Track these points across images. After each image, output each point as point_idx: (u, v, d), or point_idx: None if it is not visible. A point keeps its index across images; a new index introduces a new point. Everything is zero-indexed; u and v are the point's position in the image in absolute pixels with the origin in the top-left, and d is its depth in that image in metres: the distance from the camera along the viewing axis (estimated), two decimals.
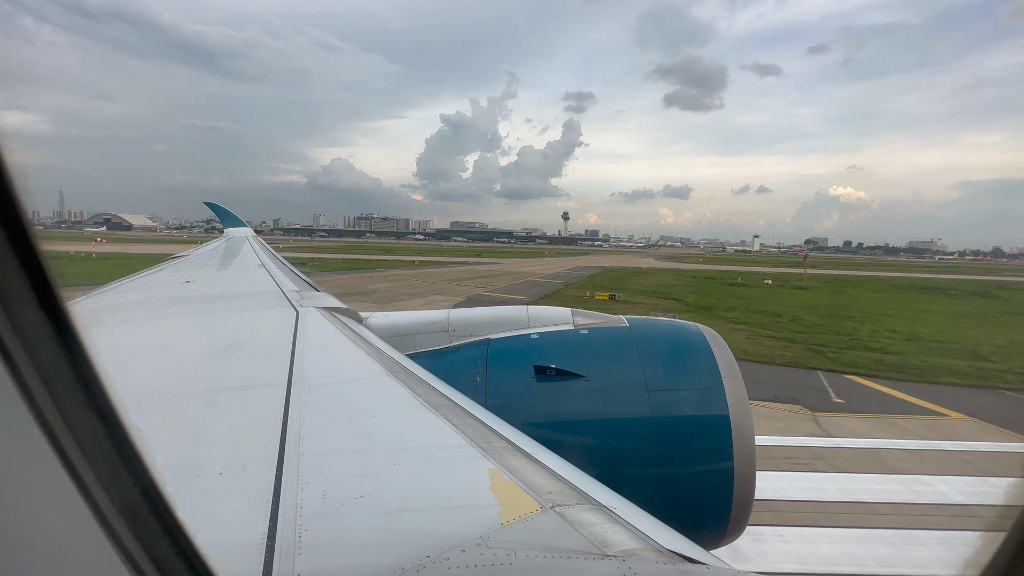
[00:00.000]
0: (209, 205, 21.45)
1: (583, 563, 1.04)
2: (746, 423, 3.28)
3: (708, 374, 3.46)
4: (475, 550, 1.07)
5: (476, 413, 1.98)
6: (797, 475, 10.55)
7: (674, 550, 1.12)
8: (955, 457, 11.72)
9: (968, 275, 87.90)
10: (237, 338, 3.35)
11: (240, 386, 2.27)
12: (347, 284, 42.19)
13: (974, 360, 21.89)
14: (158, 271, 7.94)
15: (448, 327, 4.14)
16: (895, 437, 12.81)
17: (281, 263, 8.97)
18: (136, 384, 2.26)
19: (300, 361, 2.52)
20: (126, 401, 0.70)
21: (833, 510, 9.30)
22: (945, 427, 13.88)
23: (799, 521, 8.86)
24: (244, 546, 1.12)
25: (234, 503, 1.34)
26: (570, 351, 3.66)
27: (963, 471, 10.98)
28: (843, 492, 9.92)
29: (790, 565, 7.65)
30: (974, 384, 18.36)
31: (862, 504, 9.53)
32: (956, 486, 10.26)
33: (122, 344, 3.15)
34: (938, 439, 12.77)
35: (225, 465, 1.51)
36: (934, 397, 16.48)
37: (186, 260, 9.82)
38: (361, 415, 1.88)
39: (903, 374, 19.22)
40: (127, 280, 6.90)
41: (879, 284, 66.35)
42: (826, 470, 10.85)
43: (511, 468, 1.47)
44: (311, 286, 5.95)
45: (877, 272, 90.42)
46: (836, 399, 15.98)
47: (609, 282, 52.61)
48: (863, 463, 11.26)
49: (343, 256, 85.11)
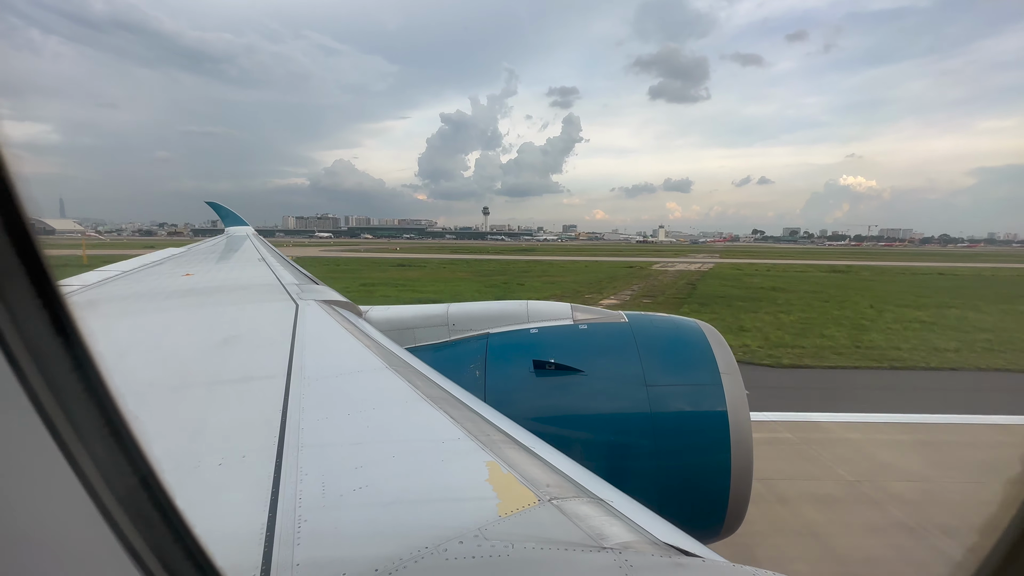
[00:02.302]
0: (211, 204, 21.76)
1: (580, 555, 1.04)
2: (744, 420, 3.29)
3: (706, 370, 3.47)
4: (473, 542, 1.08)
5: (475, 406, 1.98)
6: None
7: (670, 543, 1.13)
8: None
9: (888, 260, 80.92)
10: (237, 330, 3.36)
11: (239, 378, 2.27)
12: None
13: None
14: (158, 265, 7.94)
15: (448, 321, 4.15)
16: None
17: (280, 257, 8.96)
18: (136, 376, 2.27)
19: (299, 353, 2.53)
20: (126, 392, 0.70)
21: None
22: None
23: None
24: (243, 536, 1.13)
25: (233, 494, 1.35)
26: (569, 346, 3.66)
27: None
28: None
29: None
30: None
31: None
32: None
33: (122, 336, 3.16)
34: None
35: (225, 456, 1.51)
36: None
37: (186, 255, 9.81)
38: (360, 407, 1.89)
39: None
40: (123, 268, 6.89)
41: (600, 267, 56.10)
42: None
43: (509, 461, 1.47)
44: (311, 279, 5.96)
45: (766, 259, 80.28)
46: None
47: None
48: None
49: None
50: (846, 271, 53.23)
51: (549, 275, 43.96)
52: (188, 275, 6.41)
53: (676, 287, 34.22)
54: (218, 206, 20.96)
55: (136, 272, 6.91)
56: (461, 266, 54.72)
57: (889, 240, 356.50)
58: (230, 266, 8.00)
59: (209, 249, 11.55)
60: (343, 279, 34.88)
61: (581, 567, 1.02)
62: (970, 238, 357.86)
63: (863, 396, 12.64)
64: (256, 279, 5.82)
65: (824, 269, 55.94)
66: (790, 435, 9.67)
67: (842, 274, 49.40)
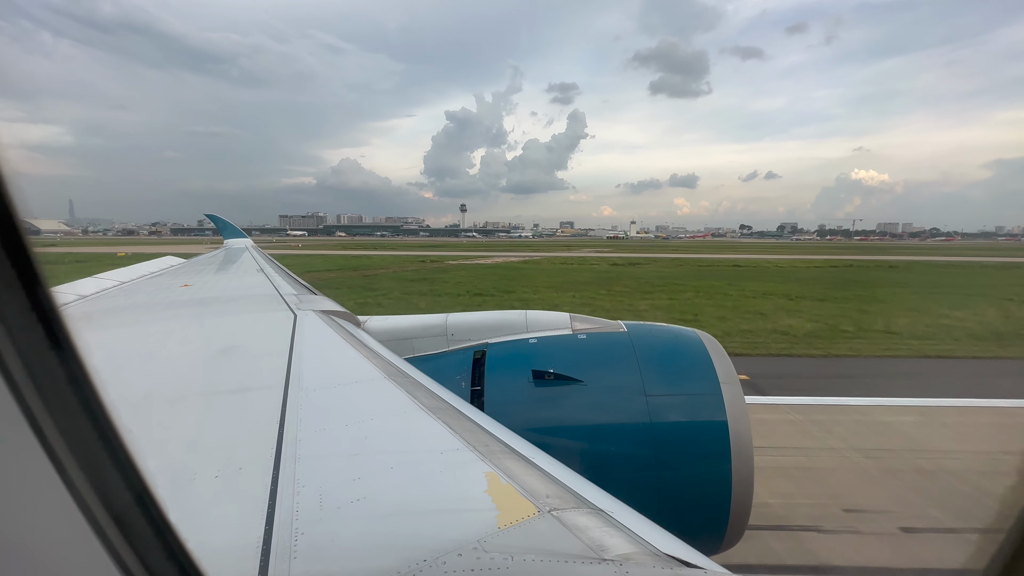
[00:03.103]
0: (210, 217, 21.67)
1: (580, 567, 1.03)
2: (744, 429, 3.27)
3: (706, 380, 3.46)
4: (472, 554, 1.06)
5: (473, 417, 1.97)
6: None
7: (671, 554, 1.12)
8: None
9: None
10: (234, 341, 3.34)
11: (237, 389, 2.26)
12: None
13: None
14: (155, 276, 7.93)
15: (446, 331, 4.14)
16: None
17: (279, 268, 8.96)
18: (132, 387, 2.25)
19: (297, 364, 2.51)
20: (122, 405, 0.70)
21: None
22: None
23: None
24: (240, 549, 1.12)
25: (230, 506, 1.33)
26: (568, 356, 3.65)
27: None
28: None
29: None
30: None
31: None
32: None
33: (118, 347, 3.14)
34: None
35: (221, 468, 1.50)
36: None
37: (185, 267, 9.80)
38: (358, 418, 1.88)
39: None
40: (120, 278, 6.88)
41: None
42: None
43: (508, 472, 1.46)
44: (309, 290, 5.95)
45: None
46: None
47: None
48: None
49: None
50: (713, 264, 53.17)
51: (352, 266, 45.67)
52: (186, 286, 6.40)
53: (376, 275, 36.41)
54: (216, 218, 20.93)
55: (133, 283, 6.90)
56: (318, 260, 55.31)
57: (881, 234, 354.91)
58: (228, 277, 8.00)
59: (207, 261, 11.54)
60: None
61: None
62: (962, 232, 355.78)
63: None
64: (254, 289, 5.81)
65: (704, 264, 55.03)
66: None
67: (683, 266, 50.20)
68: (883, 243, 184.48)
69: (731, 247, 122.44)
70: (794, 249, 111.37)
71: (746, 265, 52.33)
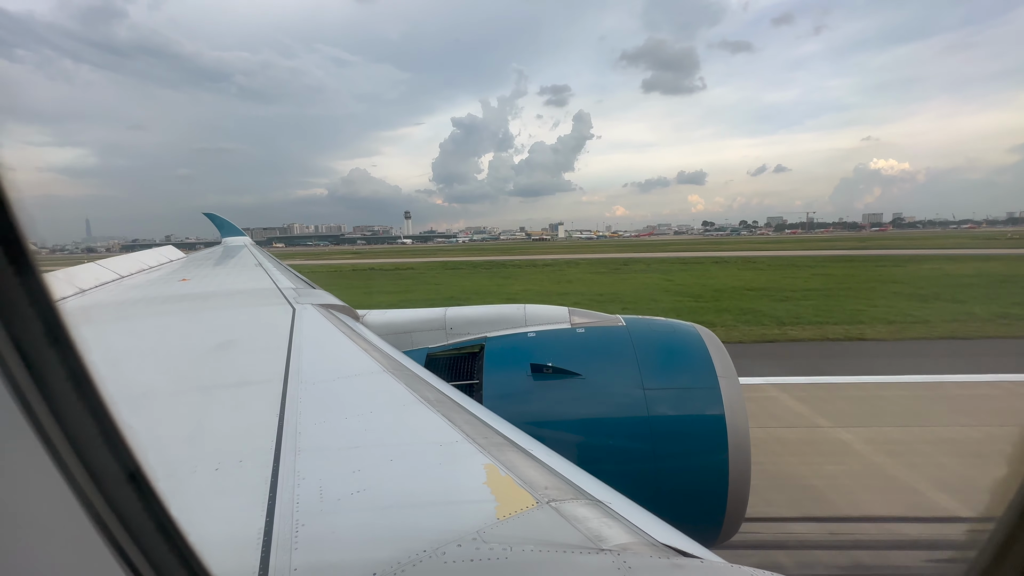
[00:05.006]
0: (208, 216, 21.76)
1: (578, 557, 1.04)
2: (742, 423, 3.29)
3: (704, 374, 3.47)
4: (471, 545, 1.07)
5: (472, 409, 1.98)
6: None
7: (668, 544, 1.13)
8: None
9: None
10: (234, 334, 3.34)
11: (236, 382, 2.26)
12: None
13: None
14: (153, 270, 7.91)
15: (445, 325, 4.14)
16: None
17: (278, 264, 8.94)
18: (132, 381, 2.26)
19: (297, 357, 2.52)
20: (122, 398, 0.70)
21: None
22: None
23: None
24: (241, 541, 1.12)
25: (231, 499, 1.34)
26: (567, 350, 3.66)
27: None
28: None
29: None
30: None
31: None
32: None
33: (117, 341, 3.14)
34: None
35: (222, 461, 1.51)
36: None
37: (183, 262, 9.78)
38: (358, 411, 1.88)
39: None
40: (118, 271, 6.86)
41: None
42: None
43: (507, 464, 1.47)
44: (308, 284, 5.94)
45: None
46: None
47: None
48: None
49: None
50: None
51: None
52: (184, 280, 6.39)
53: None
54: (215, 216, 21.06)
55: (131, 277, 6.89)
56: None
57: (872, 225, 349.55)
58: (227, 271, 7.98)
59: (205, 256, 11.52)
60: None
61: (580, 569, 1.01)
62: (986, 219, 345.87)
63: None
64: (252, 284, 5.81)
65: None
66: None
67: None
68: (877, 235, 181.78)
69: (657, 246, 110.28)
70: (726, 245, 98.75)
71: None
